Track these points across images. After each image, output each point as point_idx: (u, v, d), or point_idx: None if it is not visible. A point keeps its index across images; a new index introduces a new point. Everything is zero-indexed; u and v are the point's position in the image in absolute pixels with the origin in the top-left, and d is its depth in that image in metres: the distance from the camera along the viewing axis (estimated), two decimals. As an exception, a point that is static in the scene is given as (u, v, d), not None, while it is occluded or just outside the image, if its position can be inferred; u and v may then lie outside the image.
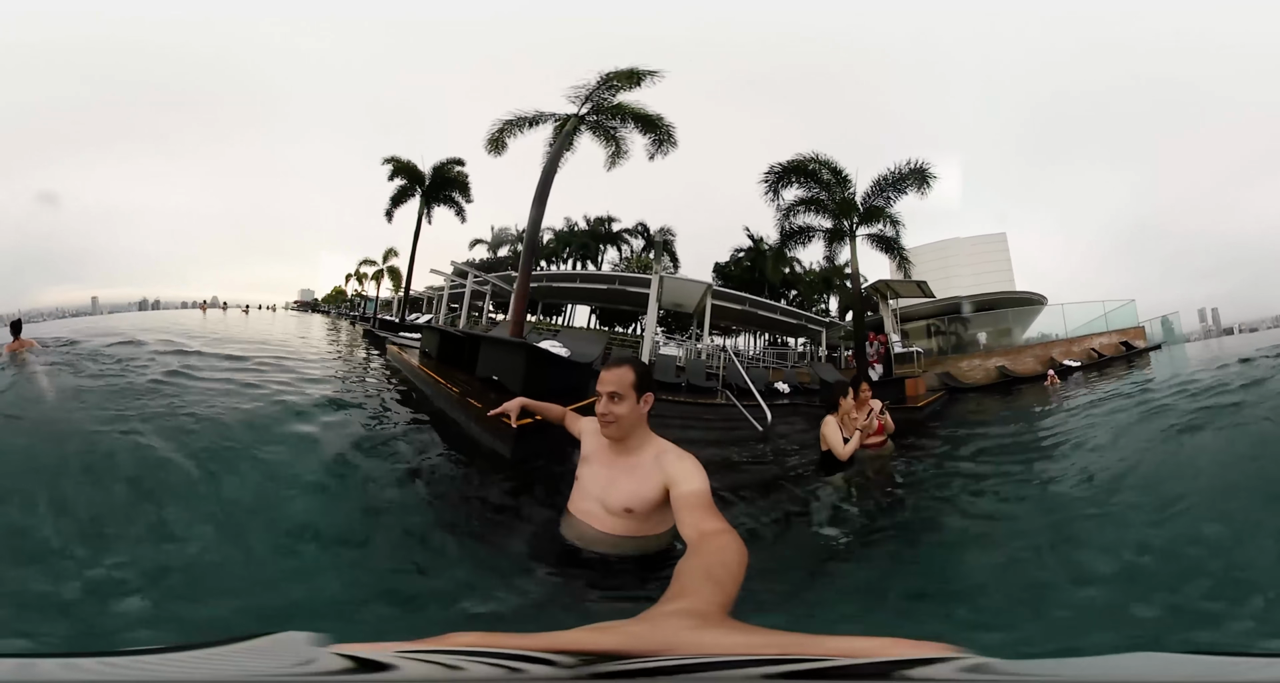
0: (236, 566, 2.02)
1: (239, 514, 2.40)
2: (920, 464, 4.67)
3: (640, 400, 1.87)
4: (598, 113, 13.16)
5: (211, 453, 2.98)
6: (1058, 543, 2.59)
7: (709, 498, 1.52)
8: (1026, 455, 4.94)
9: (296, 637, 0.60)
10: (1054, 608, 1.95)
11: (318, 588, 1.92)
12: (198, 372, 5.31)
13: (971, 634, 1.75)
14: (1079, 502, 3.21)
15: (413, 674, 0.49)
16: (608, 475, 1.91)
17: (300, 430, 3.58)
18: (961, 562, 2.67)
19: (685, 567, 0.91)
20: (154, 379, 4.79)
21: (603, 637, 0.56)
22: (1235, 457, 3.39)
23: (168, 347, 7.20)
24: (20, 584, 1.80)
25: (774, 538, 3.03)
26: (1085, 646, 1.61)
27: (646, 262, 29.66)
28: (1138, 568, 2.20)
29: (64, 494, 2.41)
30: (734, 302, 19.65)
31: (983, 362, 19.63)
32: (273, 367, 6.19)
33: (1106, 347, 20.21)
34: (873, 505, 3.66)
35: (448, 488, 3.17)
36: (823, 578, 2.52)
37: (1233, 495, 2.73)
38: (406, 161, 21.21)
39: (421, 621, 1.80)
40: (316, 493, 2.72)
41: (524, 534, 2.46)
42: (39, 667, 0.61)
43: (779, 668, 0.46)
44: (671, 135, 13.04)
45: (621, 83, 12.73)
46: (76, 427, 3.29)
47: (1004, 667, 0.49)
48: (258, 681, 0.54)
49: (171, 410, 3.72)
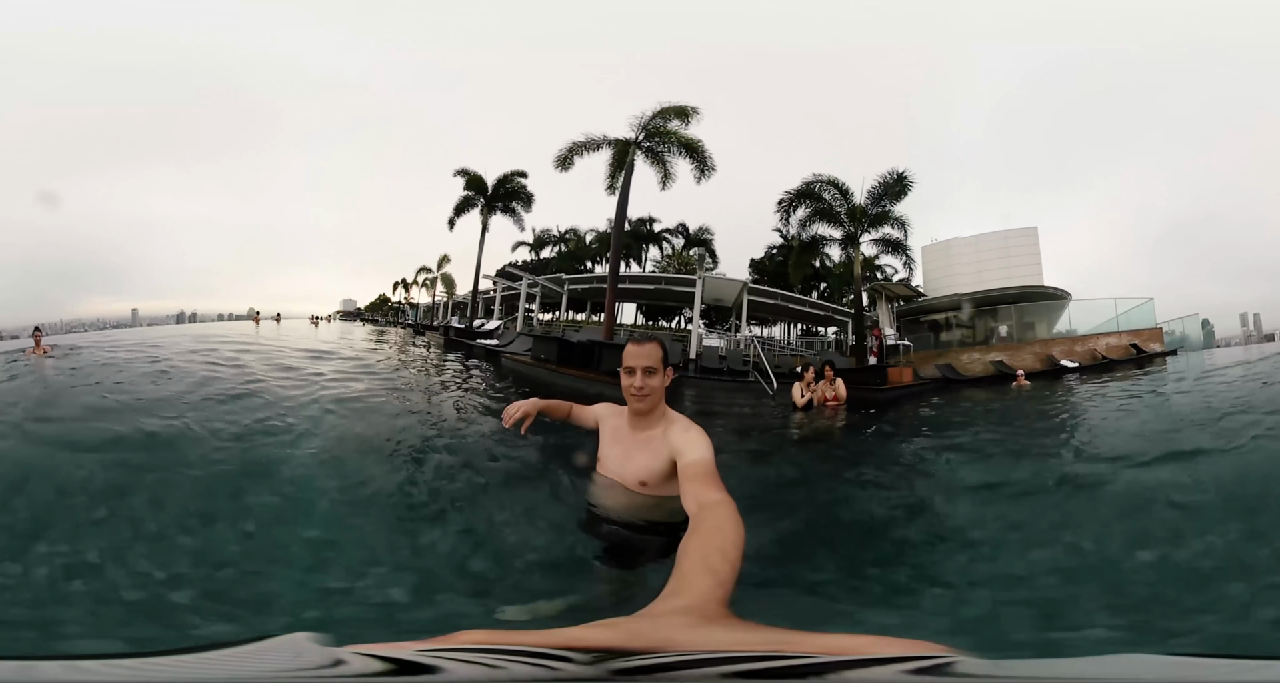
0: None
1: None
2: (851, 417, 7.72)
3: (665, 373, 2.03)
4: (651, 137, 16.07)
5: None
6: (857, 465, 5.29)
7: (710, 467, 1.63)
8: (913, 431, 7.62)
9: (299, 638, 0.62)
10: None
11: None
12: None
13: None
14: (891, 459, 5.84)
15: (457, 674, 0.51)
16: (624, 451, 2.09)
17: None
18: (815, 445, 5.99)
19: (685, 553, 0.98)
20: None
21: (606, 633, 0.60)
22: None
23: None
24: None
25: (761, 431, 6.56)
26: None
27: (688, 260, 32.25)
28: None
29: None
30: (767, 297, 22.67)
31: (982, 356, 20.50)
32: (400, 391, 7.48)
33: (1114, 348, 20.15)
34: (807, 429, 6.96)
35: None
36: (781, 443, 5.89)
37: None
38: (475, 173, 23.97)
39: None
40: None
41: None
42: (40, 668, 0.62)
43: (769, 664, 0.51)
44: (711, 161, 15.98)
45: (671, 116, 15.81)
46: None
47: (990, 667, 0.52)
48: (272, 680, 0.56)
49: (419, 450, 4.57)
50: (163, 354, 8.80)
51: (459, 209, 24.82)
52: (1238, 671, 0.62)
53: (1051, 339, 21.92)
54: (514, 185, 23.85)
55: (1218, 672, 0.62)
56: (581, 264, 37.07)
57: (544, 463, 3.80)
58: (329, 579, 2.44)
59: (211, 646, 0.62)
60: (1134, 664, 0.59)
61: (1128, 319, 22.10)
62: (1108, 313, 22.52)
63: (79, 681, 0.59)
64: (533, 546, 2.75)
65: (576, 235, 39.10)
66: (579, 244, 38.49)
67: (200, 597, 2.18)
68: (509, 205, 24.41)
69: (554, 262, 37.75)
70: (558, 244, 39.26)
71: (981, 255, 27.12)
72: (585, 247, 38.25)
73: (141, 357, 8.59)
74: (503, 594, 2.39)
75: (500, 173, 23.88)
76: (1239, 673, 0.62)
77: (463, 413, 6.38)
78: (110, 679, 0.59)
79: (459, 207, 24.81)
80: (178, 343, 11.02)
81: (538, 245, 39.28)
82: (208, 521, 2.90)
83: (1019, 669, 0.56)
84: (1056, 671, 0.58)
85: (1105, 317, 22.53)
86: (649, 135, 15.84)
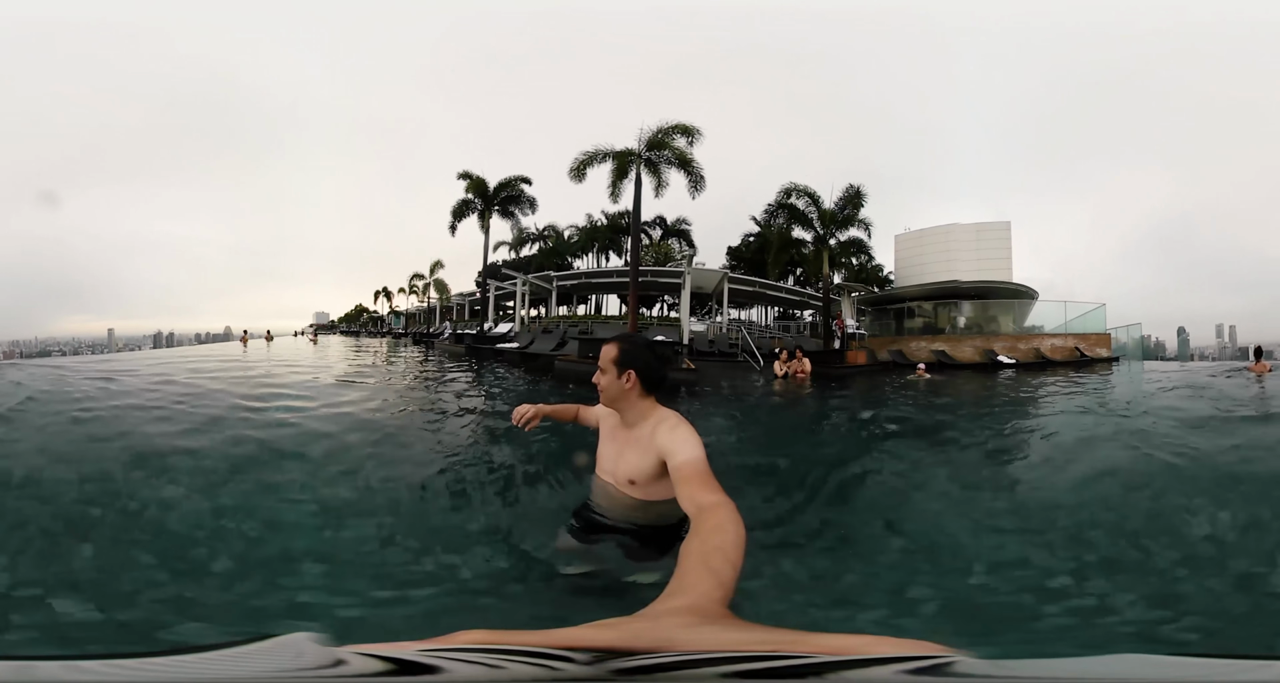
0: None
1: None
2: (813, 387, 10.73)
3: (622, 376, 2.04)
4: (652, 149, 17.66)
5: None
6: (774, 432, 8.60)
7: (703, 467, 1.64)
8: (836, 395, 10.43)
9: (299, 638, 0.63)
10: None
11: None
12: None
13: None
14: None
15: (458, 674, 0.52)
16: (616, 449, 2.16)
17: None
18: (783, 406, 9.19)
19: (685, 553, 1.00)
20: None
21: (606, 633, 0.62)
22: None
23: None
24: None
25: (756, 394, 9.44)
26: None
27: (667, 250, 34.27)
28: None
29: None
30: (746, 284, 25.66)
31: (928, 344, 22.74)
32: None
33: (1058, 350, 21.29)
34: (783, 391, 9.94)
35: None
36: (769, 398, 8.96)
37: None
38: (478, 177, 24.76)
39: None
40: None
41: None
42: (40, 668, 0.62)
43: (769, 664, 0.52)
44: (703, 177, 17.89)
45: (677, 134, 17.51)
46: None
47: (990, 667, 0.53)
48: (272, 680, 0.57)
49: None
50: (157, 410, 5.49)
51: (458, 213, 25.47)
52: (1238, 671, 0.64)
53: (994, 335, 23.37)
54: (515, 190, 25.20)
55: (1218, 672, 0.63)
56: (562, 259, 38.66)
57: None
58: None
59: (211, 646, 0.64)
60: (1134, 664, 0.60)
61: (1082, 323, 23.12)
62: (1078, 313, 23.61)
63: (79, 681, 0.60)
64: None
65: (555, 231, 40.54)
66: (559, 240, 39.90)
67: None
68: (508, 209, 25.61)
69: (535, 259, 39.01)
70: (537, 241, 40.52)
71: (951, 246, 28.44)
72: (565, 242, 39.60)
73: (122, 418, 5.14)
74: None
75: (501, 178, 25.07)
76: (1239, 673, 0.64)
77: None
78: (110, 679, 0.60)
79: (457, 210, 25.39)
80: (166, 389, 6.95)
81: (518, 244, 40.48)
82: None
83: (1019, 669, 0.57)
84: (1056, 671, 0.59)
85: (1074, 317, 23.60)
86: (650, 147, 17.66)
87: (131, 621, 1.99)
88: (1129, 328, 24.24)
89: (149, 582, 2.25)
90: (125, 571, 2.35)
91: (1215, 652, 1.30)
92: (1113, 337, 22.90)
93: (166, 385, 7.22)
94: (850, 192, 20.84)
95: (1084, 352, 21.28)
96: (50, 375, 8.18)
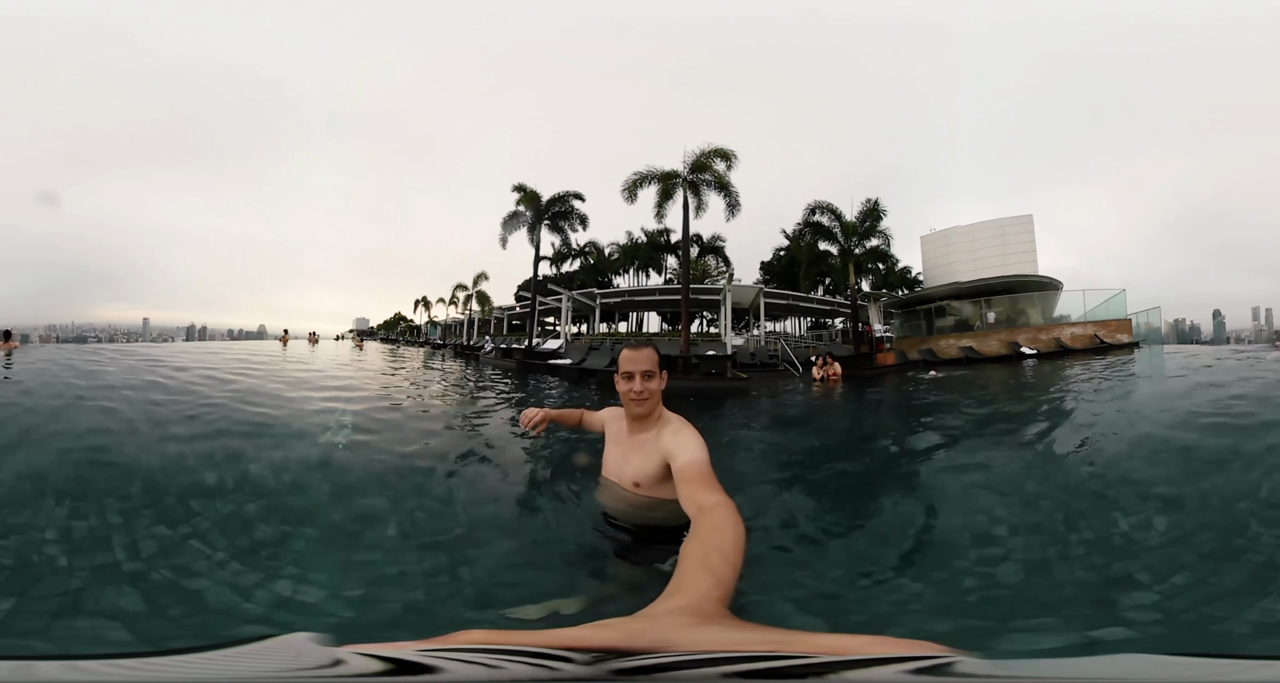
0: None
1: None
2: (846, 386, 12.98)
3: (660, 377, 2.19)
4: (695, 171, 18.88)
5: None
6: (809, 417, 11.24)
7: (706, 468, 1.69)
8: (868, 392, 12.47)
9: (299, 638, 0.64)
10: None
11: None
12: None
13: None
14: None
15: (457, 674, 0.53)
16: (622, 454, 2.24)
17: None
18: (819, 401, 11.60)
19: (685, 554, 1.03)
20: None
21: (606, 634, 0.63)
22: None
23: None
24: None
25: (800, 390, 11.89)
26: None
27: (704, 267, 35.87)
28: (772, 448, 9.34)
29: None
30: (780, 298, 27.61)
31: (955, 341, 23.82)
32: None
33: (1078, 338, 21.70)
34: (821, 391, 12.19)
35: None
36: (803, 401, 11.23)
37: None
38: (531, 190, 24.98)
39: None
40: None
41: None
42: (40, 668, 0.63)
43: (769, 664, 0.53)
44: (738, 199, 19.13)
45: (717, 159, 18.69)
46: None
47: (990, 667, 0.54)
48: (272, 680, 0.57)
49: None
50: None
51: (507, 225, 25.51)
52: (1238, 670, 0.65)
53: (1020, 327, 24.06)
54: (566, 206, 25.44)
55: (1218, 672, 0.64)
56: (604, 276, 40.03)
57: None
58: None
59: (211, 646, 0.64)
60: (1134, 664, 0.61)
61: (1104, 310, 23.45)
62: (1097, 302, 24.08)
63: (79, 681, 0.60)
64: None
65: (596, 248, 41.23)
66: (599, 257, 40.92)
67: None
68: (558, 224, 25.80)
69: (576, 275, 39.79)
70: (578, 257, 40.75)
71: (977, 244, 29.25)
72: (606, 260, 40.85)
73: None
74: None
75: (555, 192, 25.49)
76: (1239, 673, 0.65)
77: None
78: (110, 679, 0.60)
79: (507, 222, 25.46)
80: (222, 401, 6.01)
81: (558, 259, 40.48)
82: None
83: (1019, 669, 0.57)
84: (1056, 671, 0.60)
85: (1095, 305, 24.01)
86: (693, 169, 18.88)
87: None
88: (1149, 313, 24.44)
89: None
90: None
91: (1215, 652, 1.36)
92: (1134, 322, 23.08)
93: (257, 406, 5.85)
94: (869, 205, 22.88)
95: (1103, 338, 21.62)
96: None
